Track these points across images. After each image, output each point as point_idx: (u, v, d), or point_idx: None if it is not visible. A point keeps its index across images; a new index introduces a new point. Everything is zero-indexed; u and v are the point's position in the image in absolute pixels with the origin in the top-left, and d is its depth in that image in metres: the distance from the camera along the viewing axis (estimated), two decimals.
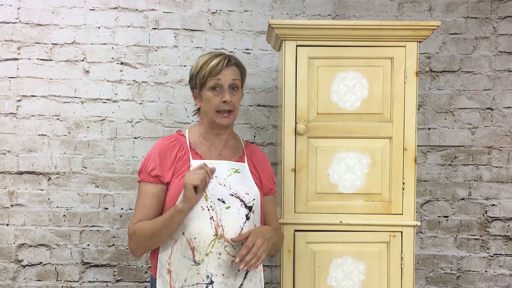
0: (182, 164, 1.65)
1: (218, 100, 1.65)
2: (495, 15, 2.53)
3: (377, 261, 1.93)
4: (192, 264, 1.59)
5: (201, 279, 1.58)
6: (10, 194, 2.48)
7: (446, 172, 2.54)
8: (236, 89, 1.69)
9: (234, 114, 1.69)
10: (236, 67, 1.70)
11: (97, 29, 2.49)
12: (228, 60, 1.67)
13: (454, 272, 2.54)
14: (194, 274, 1.58)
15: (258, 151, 1.84)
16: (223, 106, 1.65)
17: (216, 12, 2.52)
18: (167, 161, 1.64)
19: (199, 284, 1.58)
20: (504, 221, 2.54)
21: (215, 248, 1.59)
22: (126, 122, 2.51)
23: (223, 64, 1.64)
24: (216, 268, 1.59)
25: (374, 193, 1.95)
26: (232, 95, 1.66)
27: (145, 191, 1.64)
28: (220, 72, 1.64)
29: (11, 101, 2.48)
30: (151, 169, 1.63)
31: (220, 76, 1.64)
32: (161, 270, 1.62)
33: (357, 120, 1.95)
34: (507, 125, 2.53)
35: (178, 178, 1.63)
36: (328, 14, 2.52)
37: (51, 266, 2.49)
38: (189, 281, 1.59)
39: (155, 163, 1.64)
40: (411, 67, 1.93)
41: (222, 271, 1.59)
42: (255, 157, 1.79)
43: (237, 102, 1.69)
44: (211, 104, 1.66)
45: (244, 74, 1.75)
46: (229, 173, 1.67)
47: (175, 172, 1.64)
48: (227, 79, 1.65)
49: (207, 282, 1.58)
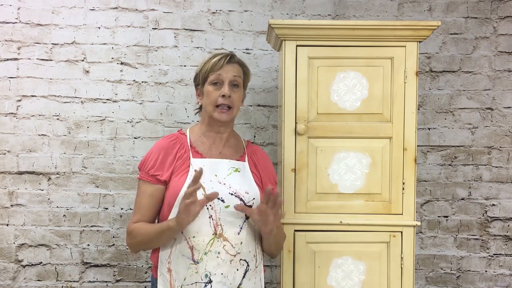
0: (182, 162, 1.65)
1: (217, 94, 1.67)
2: (495, 15, 2.53)
3: (377, 261, 1.93)
4: (191, 263, 1.59)
5: (199, 278, 1.58)
6: (10, 194, 2.48)
7: (446, 172, 2.54)
8: (237, 87, 1.70)
9: (233, 111, 1.70)
10: (239, 65, 1.73)
11: (97, 29, 2.49)
12: (230, 57, 1.71)
13: (454, 272, 2.54)
14: (193, 273, 1.59)
15: (259, 150, 1.84)
16: (221, 101, 1.66)
17: (216, 12, 2.52)
18: (167, 160, 1.66)
19: (198, 283, 1.58)
20: (504, 221, 2.54)
21: (214, 247, 1.59)
22: (126, 122, 2.51)
23: (225, 60, 1.68)
24: (215, 267, 1.59)
25: (374, 193, 1.95)
26: (232, 91, 1.68)
27: (143, 190, 1.67)
28: (221, 68, 1.67)
29: (11, 101, 2.48)
30: (150, 167, 1.66)
31: (221, 71, 1.68)
32: (162, 269, 1.63)
33: (357, 120, 1.95)
34: (507, 125, 2.53)
35: (177, 176, 1.63)
36: (328, 14, 2.52)
37: (51, 266, 2.49)
38: (188, 280, 1.59)
39: (154, 162, 1.66)
40: (411, 67, 1.93)
41: (221, 270, 1.59)
42: (256, 156, 1.79)
43: (237, 99, 1.70)
44: (210, 98, 1.68)
45: (247, 75, 1.77)
46: (229, 172, 1.67)
47: (175, 171, 1.65)
48: (228, 75, 1.68)
49: (205, 281, 1.58)
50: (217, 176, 1.65)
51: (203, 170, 1.60)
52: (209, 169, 1.65)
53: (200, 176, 1.49)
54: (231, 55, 1.71)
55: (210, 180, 1.63)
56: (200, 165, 1.64)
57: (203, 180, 1.60)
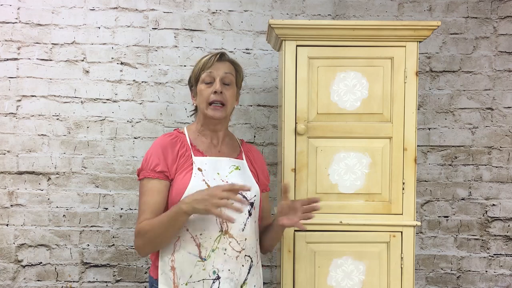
0: (185, 161, 1.65)
1: (209, 92, 1.68)
2: (495, 15, 2.52)
3: (377, 261, 1.93)
4: (198, 260, 1.59)
5: (207, 275, 1.59)
6: (10, 194, 2.48)
7: (446, 172, 2.54)
8: (229, 84, 1.72)
9: (227, 108, 1.71)
10: (230, 63, 1.75)
11: (97, 29, 2.49)
12: (221, 55, 1.73)
13: (454, 272, 2.54)
14: (200, 270, 1.59)
15: (254, 149, 1.87)
16: (214, 97, 1.67)
17: (216, 12, 2.52)
18: (170, 157, 1.65)
19: (206, 280, 1.59)
20: (504, 221, 2.54)
21: (221, 243, 1.60)
22: (126, 122, 2.51)
23: (215, 58, 1.70)
24: (222, 263, 1.61)
25: (374, 193, 1.94)
26: (225, 88, 1.70)
27: (150, 188, 1.62)
28: (212, 65, 1.69)
29: (11, 101, 2.48)
30: (155, 165, 1.63)
31: (212, 69, 1.69)
32: (164, 268, 1.62)
33: (357, 120, 1.95)
34: (507, 125, 2.53)
35: (181, 174, 1.63)
36: (328, 14, 2.52)
37: (51, 266, 2.49)
38: (194, 277, 1.59)
39: (159, 159, 1.63)
40: (411, 67, 1.93)
41: (228, 267, 1.61)
42: (251, 154, 1.82)
43: (229, 97, 1.71)
44: (203, 96, 1.69)
45: (239, 72, 1.79)
46: (230, 170, 1.69)
47: (178, 169, 1.64)
48: (219, 72, 1.70)
49: (213, 277, 1.59)
50: (219, 174, 1.66)
51: (207, 168, 1.64)
52: (211, 167, 1.66)
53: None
54: (221, 53, 1.73)
55: (214, 179, 1.64)
56: (202, 163, 1.65)
57: (208, 178, 1.62)
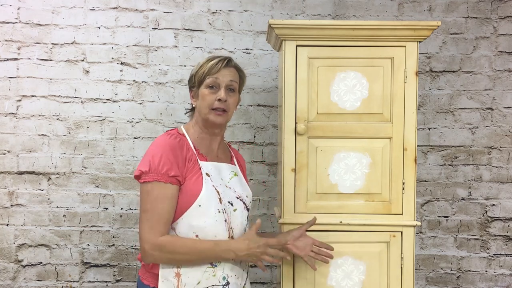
0: (193, 165, 1.60)
1: (213, 98, 1.65)
2: (495, 15, 2.52)
3: (377, 261, 1.93)
4: (208, 267, 1.58)
5: (217, 281, 1.59)
6: (10, 194, 2.48)
7: (446, 172, 2.54)
8: (233, 91, 1.69)
9: (228, 115, 1.68)
10: (236, 70, 1.72)
11: (97, 29, 2.49)
12: (228, 61, 1.68)
13: (454, 272, 2.54)
14: (210, 276, 1.58)
15: (238, 152, 1.90)
16: (217, 104, 1.64)
17: (216, 12, 2.52)
18: (180, 161, 1.58)
19: (216, 285, 1.59)
20: (504, 221, 2.54)
21: None
22: (126, 122, 2.51)
23: (222, 64, 1.66)
24: (231, 269, 1.62)
25: (374, 193, 1.94)
26: (228, 96, 1.66)
27: (162, 193, 1.53)
28: (218, 71, 1.65)
29: (11, 101, 2.48)
30: (168, 168, 1.53)
31: (218, 75, 1.65)
32: (167, 274, 1.57)
33: (357, 120, 1.95)
34: (507, 125, 2.53)
35: (191, 179, 1.58)
36: (328, 14, 2.52)
37: (51, 266, 2.49)
38: (203, 284, 1.57)
39: (171, 163, 1.54)
40: (411, 67, 1.93)
41: (235, 272, 1.63)
42: (238, 159, 1.84)
43: (232, 104, 1.69)
44: (206, 101, 1.65)
45: (243, 80, 1.76)
46: (230, 176, 1.69)
47: (187, 173, 1.59)
48: (225, 79, 1.66)
49: (223, 283, 1.60)
50: (223, 180, 1.65)
51: (212, 173, 1.63)
52: (215, 172, 1.65)
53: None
54: (228, 59, 1.69)
55: (220, 184, 1.63)
56: (208, 168, 1.63)
57: (216, 184, 1.61)
